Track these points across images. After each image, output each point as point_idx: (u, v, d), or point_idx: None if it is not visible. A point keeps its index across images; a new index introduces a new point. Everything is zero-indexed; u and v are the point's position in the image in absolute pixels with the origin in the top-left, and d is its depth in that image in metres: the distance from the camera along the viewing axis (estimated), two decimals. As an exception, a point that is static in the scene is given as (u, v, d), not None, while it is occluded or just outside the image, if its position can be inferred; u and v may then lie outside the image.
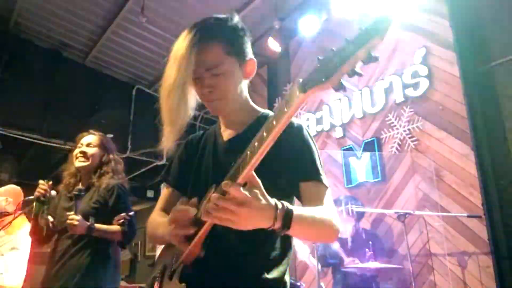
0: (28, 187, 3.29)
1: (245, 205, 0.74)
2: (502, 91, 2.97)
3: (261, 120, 1.09)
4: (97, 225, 2.10)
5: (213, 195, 0.77)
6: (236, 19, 1.10)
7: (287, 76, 4.86)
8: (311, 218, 0.88)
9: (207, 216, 0.78)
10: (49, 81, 5.00)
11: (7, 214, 2.97)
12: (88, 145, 2.37)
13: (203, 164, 1.14)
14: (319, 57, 0.66)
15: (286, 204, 0.81)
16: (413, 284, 2.63)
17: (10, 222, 2.70)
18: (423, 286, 3.05)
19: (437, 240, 3.05)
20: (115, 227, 2.15)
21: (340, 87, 0.64)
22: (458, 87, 3.15)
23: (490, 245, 2.73)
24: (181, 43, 0.99)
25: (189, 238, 0.91)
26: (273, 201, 0.79)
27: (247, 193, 0.75)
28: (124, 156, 4.94)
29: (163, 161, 5.35)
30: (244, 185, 0.77)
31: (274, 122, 0.72)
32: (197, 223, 0.89)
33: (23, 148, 5.23)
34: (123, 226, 2.15)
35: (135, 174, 5.78)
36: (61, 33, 4.96)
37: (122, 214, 2.17)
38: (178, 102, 0.99)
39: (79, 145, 2.39)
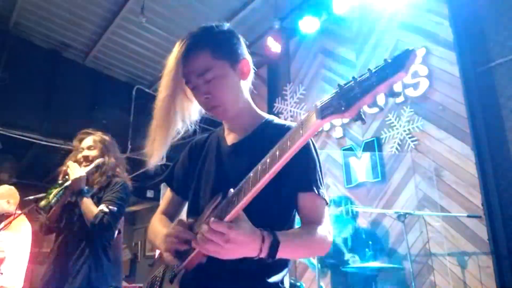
0: (28, 187, 3.30)
1: (232, 240, 0.77)
2: (502, 91, 2.97)
3: (265, 126, 1.09)
4: (88, 200, 2.10)
5: (204, 227, 0.79)
6: (225, 24, 1.10)
7: (286, 76, 4.86)
8: (298, 243, 0.92)
9: (197, 245, 0.82)
10: (49, 81, 5.01)
11: (9, 215, 2.98)
12: (89, 148, 2.37)
13: (205, 168, 1.13)
14: (340, 84, 0.65)
15: (272, 235, 0.83)
16: (413, 284, 2.63)
17: (10, 222, 2.70)
18: (423, 286, 3.05)
19: (437, 240, 3.05)
20: (94, 210, 2.09)
21: (359, 118, 0.63)
22: (458, 87, 3.15)
23: (490, 245, 2.73)
24: (170, 59, 1.01)
25: (182, 255, 0.92)
26: (259, 233, 0.82)
27: (234, 228, 0.77)
28: (124, 156, 4.93)
29: (163, 161, 5.35)
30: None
31: (289, 143, 0.72)
32: (189, 243, 0.90)
33: (23, 148, 5.24)
34: (95, 219, 2.05)
35: (135, 174, 5.77)
36: (61, 33, 4.96)
37: (105, 204, 2.11)
38: (166, 118, 1.02)
39: (80, 149, 2.39)
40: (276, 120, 1.14)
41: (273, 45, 4.47)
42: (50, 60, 5.09)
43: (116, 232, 2.33)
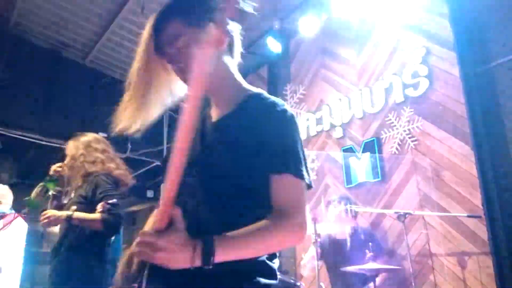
0: (28, 187, 3.29)
1: (161, 250, 0.78)
2: (502, 91, 2.97)
3: (251, 101, 1.01)
4: (76, 213, 2.12)
5: (136, 240, 0.81)
6: None
7: (287, 76, 4.86)
8: (246, 244, 0.85)
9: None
10: (49, 81, 5.01)
11: (3, 215, 2.97)
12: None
13: (192, 150, 1.06)
14: None
15: (205, 242, 0.80)
16: (413, 284, 2.62)
17: (10, 222, 2.70)
18: (423, 286, 3.05)
19: (437, 240, 3.05)
20: (93, 215, 2.13)
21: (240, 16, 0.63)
22: (458, 87, 3.15)
23: (490, 245, 2.72)
24: (144, 33, 0.99)
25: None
26: (191, 242, 0.80)
27: (162, 238, 0.78)
28: (124, 156, 4.94)
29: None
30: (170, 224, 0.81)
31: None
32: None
33: (23, 148, 5.24)
34: (103, 214, 2.12)
35: (135, 174, 5.78)
36: (61, 33, 4.96)
37: (101, 203, 2.16)
38: (139, 88, 0.99)
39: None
40: (264, 94, 1.04)
41: (273, 45, 4.47)
42: (50, 60, 5.10)
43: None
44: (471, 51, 3.17)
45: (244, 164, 0.91)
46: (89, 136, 2.53)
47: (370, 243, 2.82)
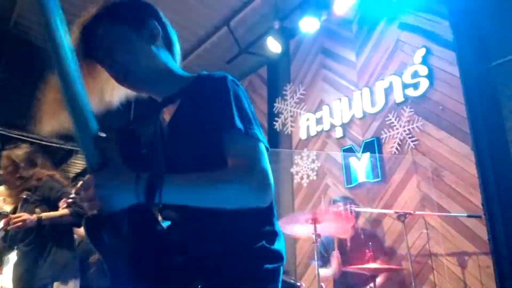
0: (28, 187, 3.28)
1: (100, 187, 0.75)
2: (502, 91, 2.96)
3: (192, 84, 0.97)
4: (44, 214, 2.23)
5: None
6: None
7: (286, 76, 4.86)
8: (193, 182, 0.80)
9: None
10: (49, 81, 5.02)
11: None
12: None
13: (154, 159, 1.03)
14: None
15: (155, 173, 0.77)
16: (413, 284, 2.62)
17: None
18: (423, 286, 3.05)
19: (437, 240, 3.05)
20: (62, 211, 2.26)
21: None
22: (458, 87, 3.15)
23: (490, 245, 2.72)
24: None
25: None
26: (132, 175, 0.77)
27: (97, 176, 0.75)
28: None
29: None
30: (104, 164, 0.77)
31: None
32: None
33: (23, 148, 5.24)
34: (69, 208, 2.24)
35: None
36: (61, 33, 4.96)
37: (63, 200, 2.28)
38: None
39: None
40: (202, 73, 1.00)
41: (273, 45, 4.47)
42: (50, 60, 5.10)
43: None
44: (471, 51, 3.16)
45: (204, 148, 0.89)
46: (23, 149, 2.57)
47: (370, 243, 2.82)
